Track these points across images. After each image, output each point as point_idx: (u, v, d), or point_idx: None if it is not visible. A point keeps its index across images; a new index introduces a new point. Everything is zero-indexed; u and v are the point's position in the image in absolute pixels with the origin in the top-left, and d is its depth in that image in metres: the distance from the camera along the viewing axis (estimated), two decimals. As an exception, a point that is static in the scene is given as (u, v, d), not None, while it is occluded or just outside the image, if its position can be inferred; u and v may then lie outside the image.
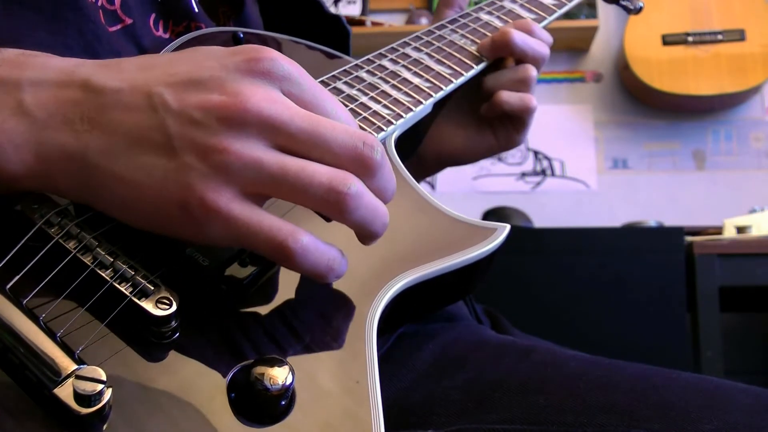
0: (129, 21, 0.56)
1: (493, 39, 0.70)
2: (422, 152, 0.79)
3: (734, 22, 2.28)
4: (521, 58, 0.72)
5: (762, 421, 0.45)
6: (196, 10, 0.62)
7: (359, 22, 2.40)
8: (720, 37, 2.28)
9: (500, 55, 0.72)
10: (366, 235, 0.41)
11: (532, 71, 0.72)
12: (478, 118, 0.77)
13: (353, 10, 2.55)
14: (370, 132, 0.56)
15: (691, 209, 2.34)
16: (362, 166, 0.39)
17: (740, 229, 1.74)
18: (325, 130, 0.38)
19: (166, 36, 0.60)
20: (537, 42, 0.72)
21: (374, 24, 2.42)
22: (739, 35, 2.27)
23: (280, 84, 0.39)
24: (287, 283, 0.44)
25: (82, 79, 0.38)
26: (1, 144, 0.37)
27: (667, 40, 2.29)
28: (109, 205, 0.38)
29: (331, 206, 0.38)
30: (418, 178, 0.81)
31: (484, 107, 0.74)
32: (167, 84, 0.38)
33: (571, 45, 2.48)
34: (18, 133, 0.37)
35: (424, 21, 2.48)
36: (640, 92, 2.41)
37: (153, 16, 0.59)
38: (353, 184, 0.38)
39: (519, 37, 0.70)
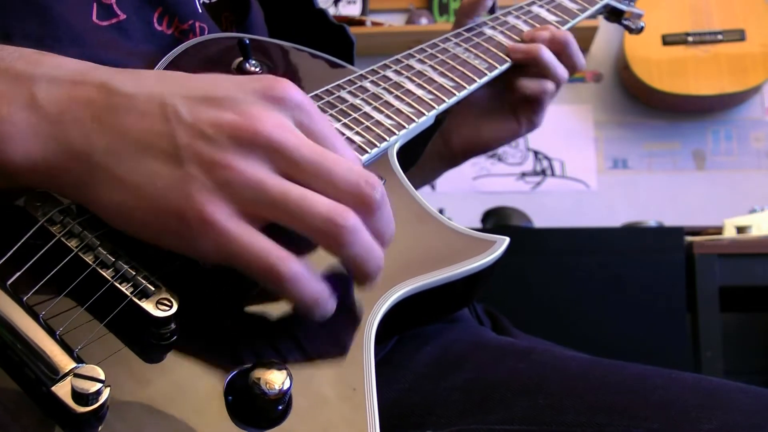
0: (123, 16, 0.56)
1: (525, 47, 0.74)
2: (450, 145, 0.83)
3: (734, 22, 2.28)
4: (543, 70, 0.75)
5: (761, 420, 0.45)
6: (200, 11, 0.63)
7: (359, 22, 2.40)
8: (720, 37, 2.28)
9: (529, 62, 0.75)
10: (359, 273, 0.41)
11: (549, 85, 0.77)
12: (501, 107, 0.81)
13: (353, 10, 2.54)
14: (371, 140, 0.56)
15: (691, 209, 2.34)
16: (362, 204, 0.39)
17: (740, 229, 1.74)
18: (330, 164, 0.39)
19: (169, 32, 0.60)
20: (559, 63, 0.76)
21: (374, 24, 2.42)
22: (739, 35, 2.27)
23: (292, 113, 0.40)
24: None
25: (98, 80, 0.39)
26: (9, 134, 0.37)
27: (667, 40, 2.29)
28: (106, 208, 0.38)
29: (327, 237, 0.38)
30: (444, 170, 0.88)
31: (510, 96, 0.79)
32: (183, 96, 0.38)
33: (571, 45, 2.48)
34: (27, 126, 0.37)
35: (424, 21, 2.48)
36: (640, 92, 2.41)
37: (159, 10, 0.59)
38: (351, 218, 0.38)
39: (548, 53, 0.75)
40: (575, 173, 2.45)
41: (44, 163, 0.38)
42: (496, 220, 2.14)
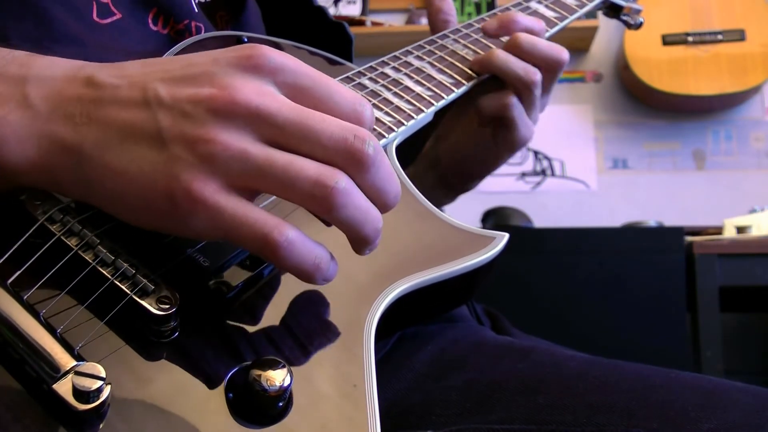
0: (119, 15, 0.56)
1: (481, 57, 0.68)
2: (447, 177, 0.78)
3: (734, 22, 2.28)
4: (503, 78, 0.68)
5: (760, 419, 0.45)
6: (196, 10, 0.63)
7: (359, 22, 2.40)
8: (720, 37, 2.28)
9: (487, 73, 0.68)
10: (357, 239, 0.39)
11: (507, 98, 0.68)
12: (483, 132, 0.74)
13: (353, 10, 2.55)
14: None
15: (691, 209, 2.34)
16: (353, 160, 0.37)
17: (740, 229, 1.74)
18: (314, 123, 0.37)
19: (164, 32, 0.60)
20: (521, 65, 0.67)
21: (374, 24, 2.42)
22: (739, 35, 2.27)
23: (273, 77, 0.39)
24: (287, 286, 0.44)
25: (86, 75, 0.39)
26: (5, 135, 0.37)
27: (667, 40, 2.29)
28: (102, 199, 0.38)
29: (317, 202, 0.37)
30: (447, 201, 0.81)
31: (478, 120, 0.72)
32: (162, 79, 0.38)
33: (571, 45, 2.48)
34: (22, 126, 0.37)
35: (424, 21, 2.48)
36: (640, 92, 2.41)
37: (154, 11, 0.59)
38: (342, 179, 0.37)
39: (502, 57, 0.67)
40: (575, 173, 2.46)
41: (40, 161, 0.38)
42: (496, 220, 2.14)
